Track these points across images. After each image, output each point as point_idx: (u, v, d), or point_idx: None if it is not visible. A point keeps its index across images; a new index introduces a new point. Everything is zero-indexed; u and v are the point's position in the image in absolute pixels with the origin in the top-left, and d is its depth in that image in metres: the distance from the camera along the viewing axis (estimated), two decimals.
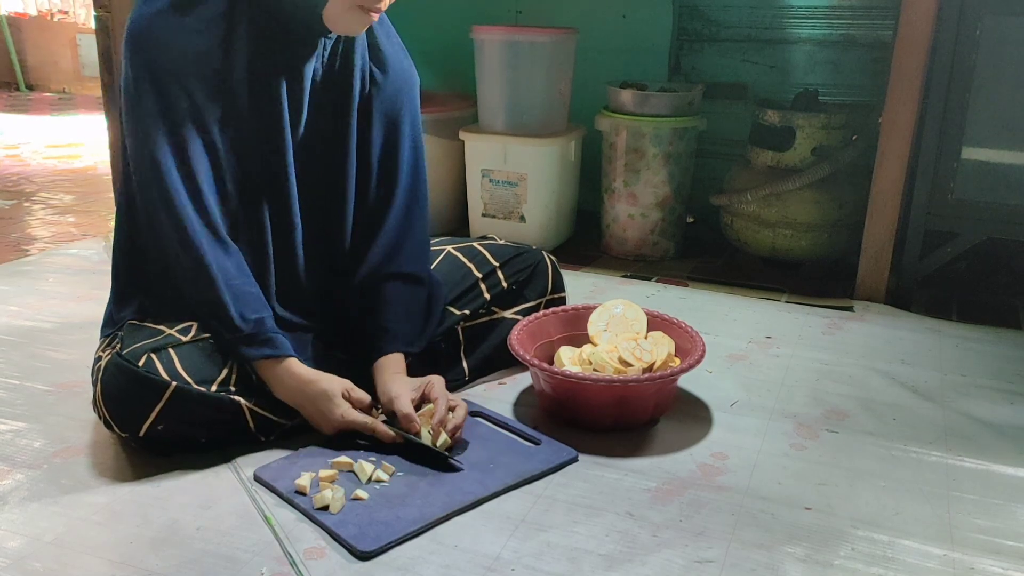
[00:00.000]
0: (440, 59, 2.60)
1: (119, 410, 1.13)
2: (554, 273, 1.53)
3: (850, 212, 2.05)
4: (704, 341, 1.34)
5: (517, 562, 0.98)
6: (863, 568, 0.99)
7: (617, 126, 2.18)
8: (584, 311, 1.45)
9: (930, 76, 1.78)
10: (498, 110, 2.23)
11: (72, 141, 3.95)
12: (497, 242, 1.53)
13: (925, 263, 1.89)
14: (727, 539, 1.04)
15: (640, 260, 2.25)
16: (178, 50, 1.13)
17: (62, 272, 2.02)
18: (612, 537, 1.03)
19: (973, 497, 1.15)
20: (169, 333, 1.18)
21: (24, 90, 5.82)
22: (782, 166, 2.08)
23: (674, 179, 2.20)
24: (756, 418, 1.35)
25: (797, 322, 1.79)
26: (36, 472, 1.16)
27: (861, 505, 1.12)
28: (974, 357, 1.62)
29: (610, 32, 2.43)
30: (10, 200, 2.81)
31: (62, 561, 0.97)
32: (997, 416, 1.38)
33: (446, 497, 1.09)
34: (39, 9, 6.10)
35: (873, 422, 1.35)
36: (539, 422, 1.31)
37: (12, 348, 1.56)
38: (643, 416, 1.29)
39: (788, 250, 2.11)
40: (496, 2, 2.53)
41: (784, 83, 2.32)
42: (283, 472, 1.13)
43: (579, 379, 1.24)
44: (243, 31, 1.16)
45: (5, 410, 1.33)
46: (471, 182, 2.28)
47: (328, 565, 0.97)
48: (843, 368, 1.55)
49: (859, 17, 2.22)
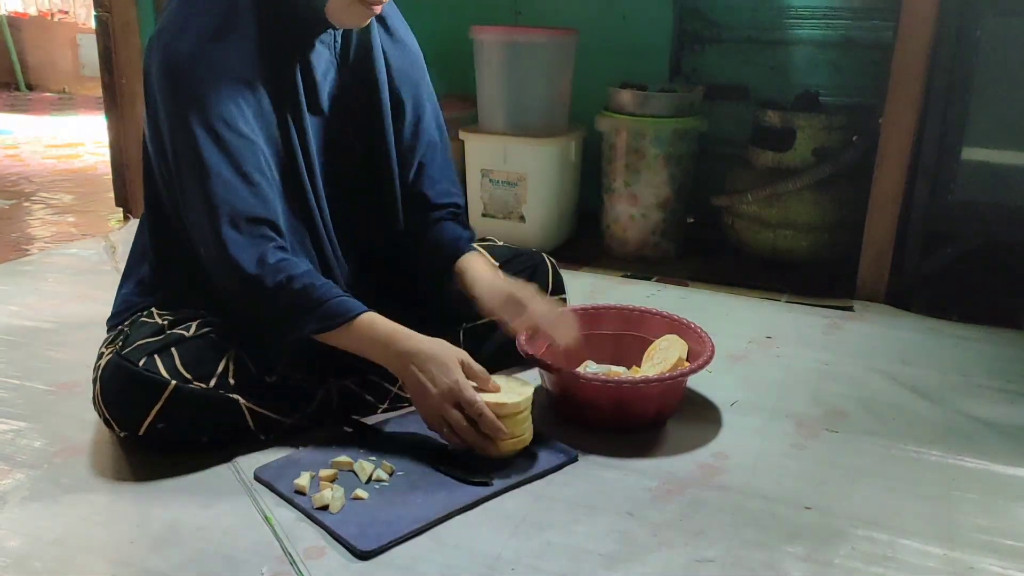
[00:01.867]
0: (440, 59, 2.59)
1: (118, 409, 1.13)
2: (554, 274, 1.53)
3: (850, 213, 2.05)
4: (714, 345, 1.34)
5: (517, 561, 0.98)
6: (863, 567, 0.99)
7: (617, 127, 2.18)
8: (603, 311, 1.47)
9: (930, 77, 1.78)
10: (498, 110, 2.23)
11: (72, 141, 3.95)
12: (496, 244, 1.53)
13: (925, 264, 1.89)
14: (727, 539, 1.04)
15: (640, 260, 2.25)
16: (225, 81, 1.13)
17: (62, 272, 2.02)
18: (612, 536, 1.03)
19: (973, 497, 1.15)
20: (172, 332, 1.18)
21: (24, 90, 5.82)
22: (783, 167, 2.08)
23: (675, 180, 2.20)
24: (756, 418, 1.35)
25: (797, 322, 1.79)
26: (36, 472, 1.16)
27: (861, 505, 1.12)
28: (974, 357, 1.62)
29: (610, 32, 2.43)
30: (10, 200, 2.81)
31: (62, 561, 0.97)
32: (997, 416, 1.38)
33: (446, 496, 1.09)
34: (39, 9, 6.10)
35: (873, 422, 1.35)
36: (539, 422, 1.31)
37: (12, 348, 1.56)
38: (646, 417, 1.29)
39: (789, 251, 2.11)
40: (496, 3, 2.53)
41: (785, 84, 2.32)
42: (283, 472, 1.13)
43: (583, 379, 1.24)
44: (253, 31, 1.16)
45: (5, 410, 1.33)
46: (471, 182, 2.28)
47: (328, 565, 0.97)
48: (843, 368, 1.55)
49: (859, 18, 2.22)
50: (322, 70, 1.24)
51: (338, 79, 1.27)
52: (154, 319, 1.22)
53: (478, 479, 1.11)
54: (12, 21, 5.83)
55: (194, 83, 1.12)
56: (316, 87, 1.23)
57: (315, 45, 1.21)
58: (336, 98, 1.27)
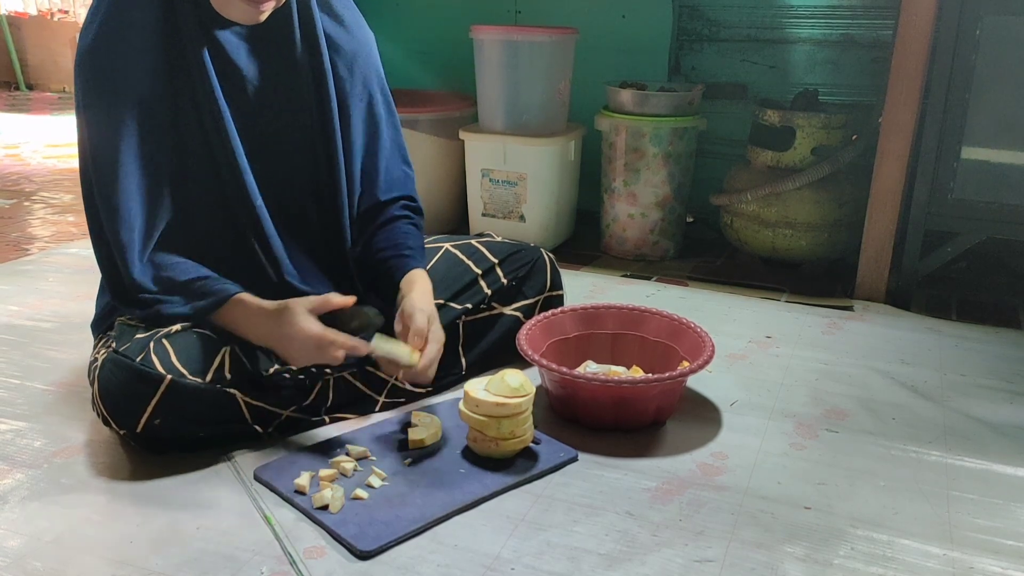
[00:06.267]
0: (440, 59, 2.60)
1: (116, 406, 1.13)
2: (552, 270, 1.53)
3: (850, 212, 2.05)
4: (714, 344, 1.34)
5: (517, 561, 0.98)
6: (863, 567, 0.99)
7: (617, 126, 2.18)
8: (602, 310, 1.47)
9: (930, 76, 1.78)
10: (498, 110, 2.23)
11: (72, 141, 3.94)
12: (495, 239, 1.53)
13: (925, 263, 1.89)
14: (727, 539, 1.04)
15: (640, 260, 2.25)
16: (124, 75, 1.13)
17: (62, 271, 2.02)
18: (612, 536, 1.03)
19: (973, 497, 1.15)
20: (159, 329, 1.18)
21: (24, 90, 5.82)
22: (782, 166, 2.08)
23: (674, 179, 2.20)
24: (756, 418, 1.35)
25: (797, 322, 1.79)
26: (36, 471, 1.16)
27: (861, 505, 1.12)
28: (974, 357, 1.62)
29: (610, 32, 2.43)
30: (10, 199, 2.81)
31: (62, 560, 0.97)
32: (997, 416, 1.38)
33: (446, 496, 1.09)
34: (39, 9, 6.10)
35: (873, 422, 1.35)
36: (539, 422, 1.31)
37: (12, 348, 1.56)
38: (646, 417, 1.29)
39: (788, 250, 2.11)
40: (496, 2, 2.53)
41: (784, 83, 2.32)
42: (283, 472, 1.13)
43: (583, 379, 1.24)
44: (158, 19, 1.15)
45: (5, 410, 1.33)
46: (471, 182, 2.28)
47: (328, 564, 0.97)
48: (843, 368, 1.55)
49: (859, 17, 2.22)
50: (243, 62, 1.20)
51: (263, 72, 1.23)
52: (137, 322, 1.22)
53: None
54: (12, 21, 5.82)
55: (95, 77, 1.13)
56: (236, 78, 1.20)
57: (226, 35, 1.18)
58: (264, 92, 1.23)
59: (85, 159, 1.18)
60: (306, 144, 1.28)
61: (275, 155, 1.26)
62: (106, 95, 1.14)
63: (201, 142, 1.19)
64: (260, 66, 1.22)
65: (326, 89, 1.26)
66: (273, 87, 1.24)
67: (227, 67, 1.19)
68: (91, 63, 1.13)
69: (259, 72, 1.22)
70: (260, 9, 1.14)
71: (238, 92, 1.21)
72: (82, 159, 1.19)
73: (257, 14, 1.15)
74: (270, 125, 1.25)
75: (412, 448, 1.19)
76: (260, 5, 1.14)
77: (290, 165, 1.27)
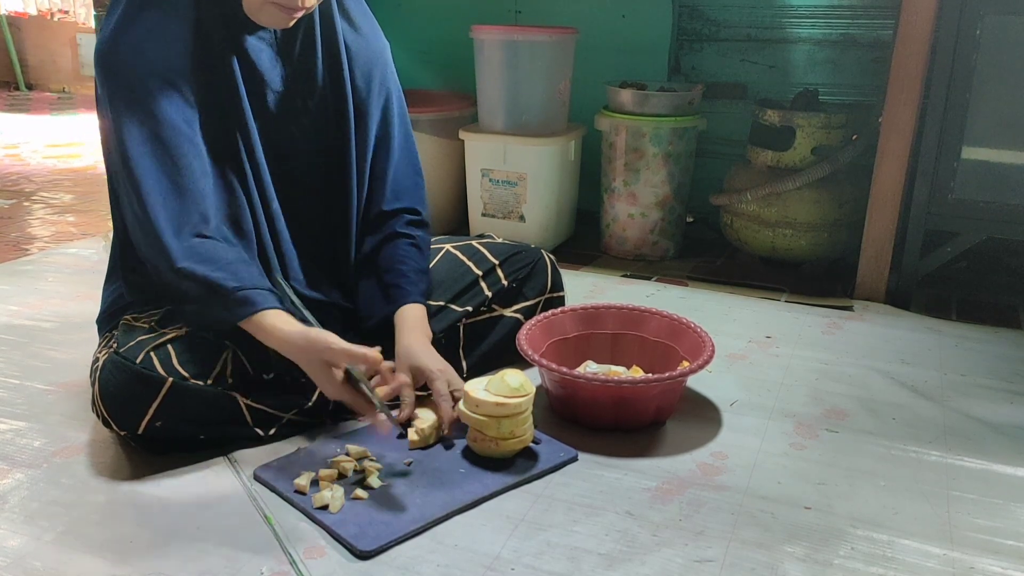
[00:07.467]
0: (440, 59, 2.60)
1: (117, 407, 1.13)
2: (553, 271, 1.53)
3: (850, 212, 2.05)
4: (714, 344, 1.34)
5: (517, 561, 0.98)
6: (863, 568, 0.99)
7: (617, 126, 2.18)
8: (602, 310, 1.47)
9: (930, 76, 1.78)
10: (498, 110, 2.23)
11: (72, 140, 3.95)
12: (495, 240, 1.53)
13: (925, 263, 1.89)
14: (727, 538, 1.04)
15: (640, 260, 2.25)
16: (157, 75, 1.13)
17: (62, 271, 2.02)
18: (612, 536, 1.03)
19: (973, 497, 1.15)
20: (165, 330, 1.18)
21: (24, 90, 5.82)
22: (782, 166, 2.08)
23: (674, 179, 2.20)
24: (756, 418, 1.35)
25: (797, 322, 1.79)
26: (36, 471, 1.16)
27: (861, 504, 1.12)
28: (974, 356, 1.62)
29: (610, 32, 2.43)
30: (10, 199, 2.81)
31: (62, 560, 0.97)
32: (997, 416, 1.38)
33: (446, 496, 1.09)
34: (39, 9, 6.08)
35: (873, 422, 1.35)
36: (539, 422, 1.31)
37: (12, 348, 1.56)
38: (646, 417, 1.29)
39: (788, 250, 2.11)
40: (496, 2, 2.53)
41: (784, 83, 2.32)
42: (283, 472, 1.13)
43: (583, 379, 1.24)
44: (190, 22, 1.15)
45: (5, 410, 1.33)
46: (471, 182, 2.28)
47: (328, 564, 0.97)
48: (843, 368, 1.55)
49: (859, 17, 2.22)
50: (266, 66, 1.21)
51: (285, 77, 1.24)
52: (141, 322, 1.22)
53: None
54: (12, 21, 5.82)
55: (126, 76, 1.12)
56: (259, 82, 1.21)
57: (252, 40, 1.19)
58: (286, 97, 1.24)
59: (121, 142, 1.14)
60: (321, 150, 1.29)
61: (290, 159, 1.27)
62: (153, 76, 1.12)
63: (224, 144, 1.20)
64: (281, 71, 1.23)
65: (344, 96, 1.27)
66: (292, 92, 1.25)
67: (251, 71, 1.20)
68: (126, 44, 1.12)
69: (280, 77, 1.23)
70: (293, 16, 1.16)
71: (259, 96, 1.22)
72: (115, 142, 1.15)
73: (289, 20, 1.16)
74: (287, 129, 1.26)
75: (412, 448, 1.20)
76: (293, 12, 1.15)
77: (305, 170, 1.28)
